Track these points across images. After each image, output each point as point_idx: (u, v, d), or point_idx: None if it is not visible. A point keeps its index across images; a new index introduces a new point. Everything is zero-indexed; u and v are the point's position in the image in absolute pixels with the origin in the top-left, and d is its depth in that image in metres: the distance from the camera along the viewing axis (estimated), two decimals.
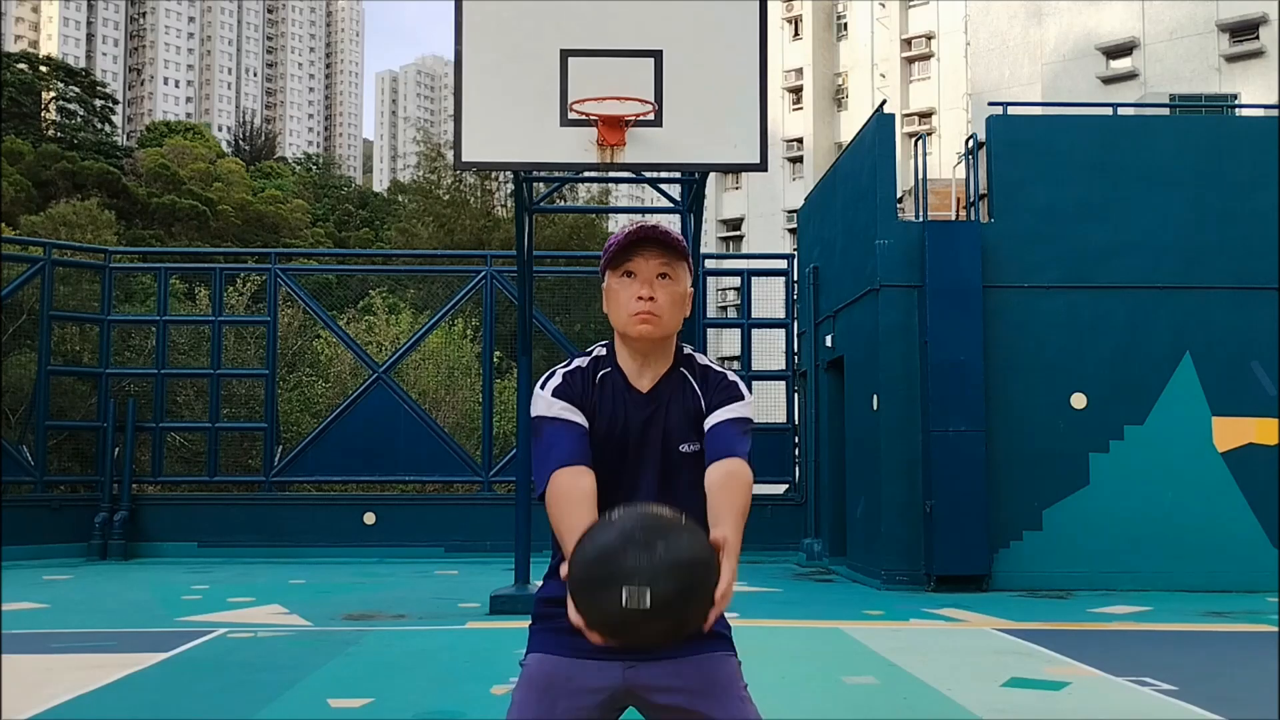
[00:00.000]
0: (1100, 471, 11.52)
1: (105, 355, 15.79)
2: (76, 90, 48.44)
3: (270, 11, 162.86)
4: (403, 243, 33.07)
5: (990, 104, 13.23)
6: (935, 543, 11.13)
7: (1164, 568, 11.29)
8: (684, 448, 2.41)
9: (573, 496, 2.23)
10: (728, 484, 2.27)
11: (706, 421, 2.39)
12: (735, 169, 11.58)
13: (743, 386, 2.46)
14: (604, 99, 7.88)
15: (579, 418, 2.36)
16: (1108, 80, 37.01)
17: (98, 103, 49.03)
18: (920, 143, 12.70)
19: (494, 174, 28.45)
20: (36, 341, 15.85)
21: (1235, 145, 12.09)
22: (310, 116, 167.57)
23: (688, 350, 2.51)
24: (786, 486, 15.90)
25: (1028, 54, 39.61)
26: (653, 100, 7.99)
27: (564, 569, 2.03)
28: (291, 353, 19.13)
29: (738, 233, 56.78)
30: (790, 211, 48.76)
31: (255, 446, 16.80)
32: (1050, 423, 11.62)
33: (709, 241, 53.28)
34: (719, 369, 2.49)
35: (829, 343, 14.10)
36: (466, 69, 8.14)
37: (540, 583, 2.48)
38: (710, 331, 18.59)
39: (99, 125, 48.80)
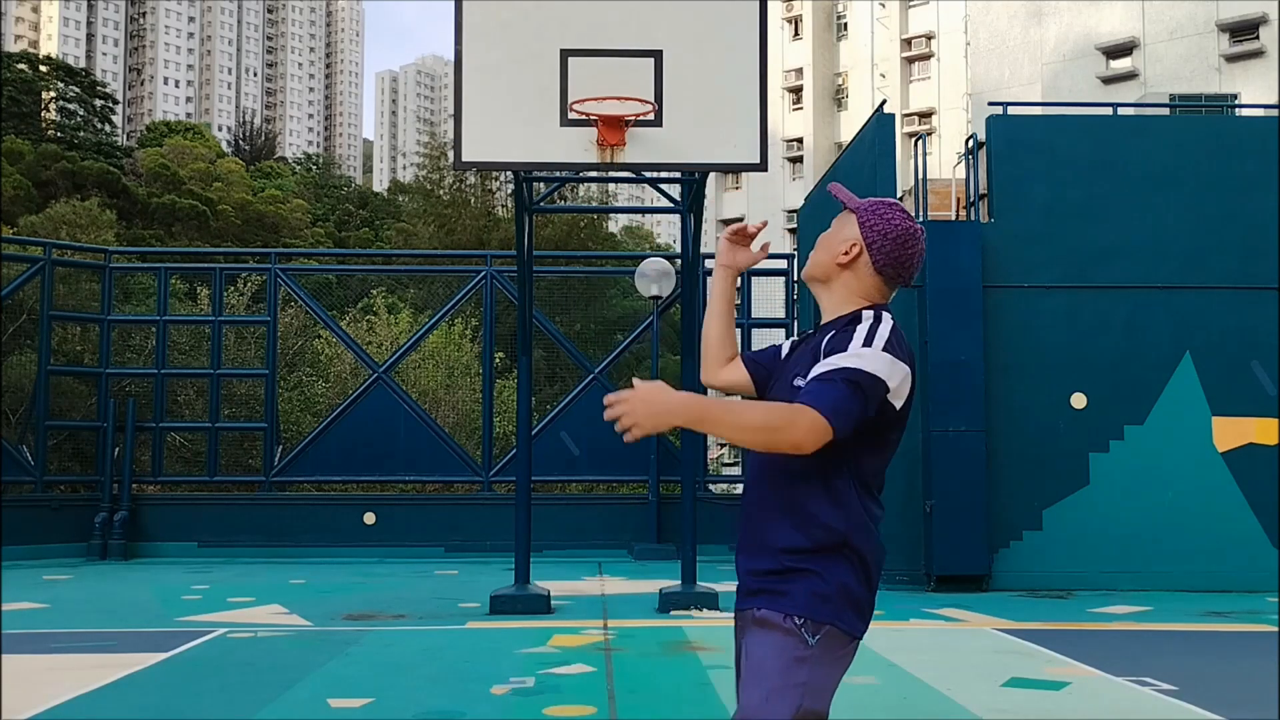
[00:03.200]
0: (1100, 471, 11.51)
1: (105, 355, 15.78)
2: (76, 90, 48.45)
3: (270, 11, 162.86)
4: (402, 243, 33.10)
5: (990, 104, 13.23)
6: (935, 543, 11.13)
7: (1164, 568, 11.29)
8: (797, 381, 2.47)
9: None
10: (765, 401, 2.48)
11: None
12: (735, 169, 11.57)
13: (866, 336, 2.43)
14: (604, 99, 7.88)
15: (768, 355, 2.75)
16: (1108, 80, 37.02)
17: (98, 103, 49.04)
18: (920, 143, 12.70)
19: (494, 174, 28.45)
20: (36, 341, 15.85)
21: (1235, 145, 12.08)
22: (310, 116, 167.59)
23: (869, 310, 2.53)
24: None
25: (1028, 54, 39.61)
26: (653, 100, 7.99)
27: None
28: (291, 353, 19.14)
29: None
30: (790, 211, 48.75)
31: (255, 446, 16.80)
32: (1050, 423, 11.62)
33: (709, 241, 53.24)
34: (872, 325, 2.48)
35: None
36: (466, 69, 8.13)
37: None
38: None
39: (99, 125, 48.80)
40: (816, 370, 2.39)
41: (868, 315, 2.51)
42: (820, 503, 2.44)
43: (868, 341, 2.42)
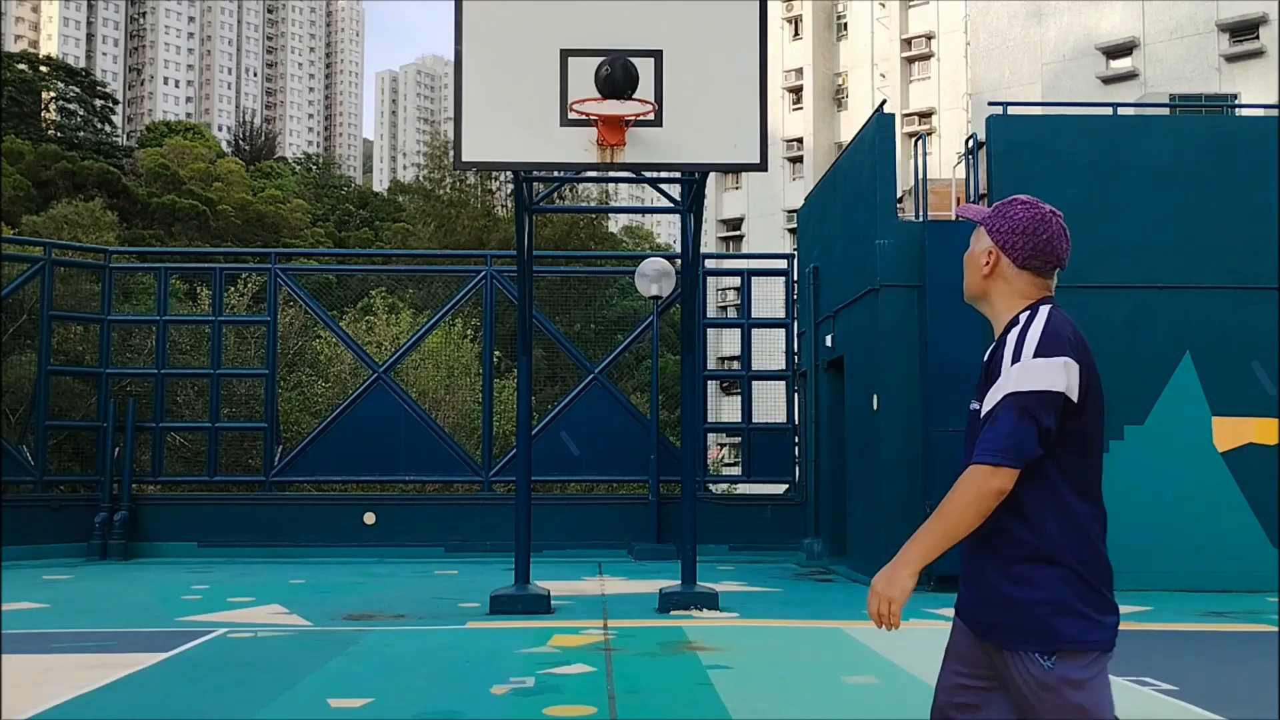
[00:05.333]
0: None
1: (105, 355, 15.78)
2: (76, 90, 48.49)
3: (270, 11, 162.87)
4: (401, 243, 33.14)
5: (990, 104, 13.22)
6: None
7: (1164, 568, 11.29)
8: (973, 404, 2.53)
9: None
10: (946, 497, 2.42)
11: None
12: (735, 169, 11.58)
13: (1015, 349, 2.43)
14: (604, 99, 7.88)
15: None
16: (1108, 80, 37.03)
17: (98, 103, 49.08)
18: (920, 143, 12.70)
19: (494, 174, 28.47)
20: (36, 341, 15.85)
21: (1235, 145, 12.08)
22: (310, 116, 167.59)
23: (1025, 312, 2.54)
24: (786, 486, 15.90)
25: (1028, 54, 39.62)
26: (653, 100, 7.99)
27: None
28: (291, 353, 19.14)
29: (738, 233, 56.80)
30: (790, 211, 48.77)
31: (255, 446, 16.80)
32: None
33: (709, 241, 53.29)
34: (1023, 328, 2.48)
35: (829, 343, 14.10)
36: (466, 69, 8.14)
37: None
38: (710, 331, 18.59)
39: (99, 125, 48.83)
40: (986, 405, 2.43)
41: (1023, 317, 2.52)
42: (1010, 519, 2.43)
43: (1017, 355, 2.42)
